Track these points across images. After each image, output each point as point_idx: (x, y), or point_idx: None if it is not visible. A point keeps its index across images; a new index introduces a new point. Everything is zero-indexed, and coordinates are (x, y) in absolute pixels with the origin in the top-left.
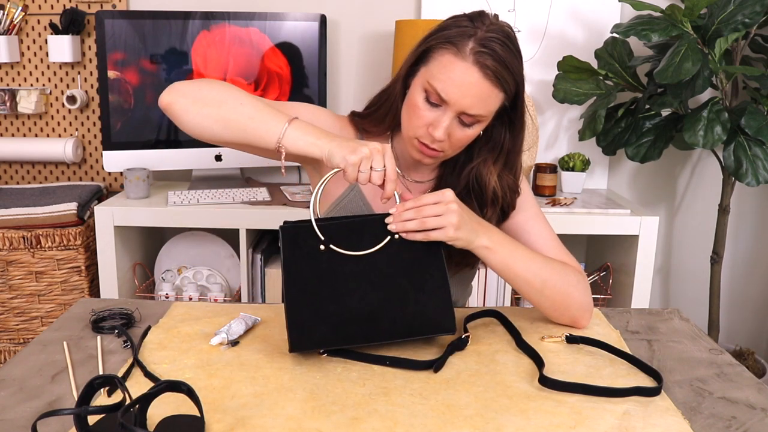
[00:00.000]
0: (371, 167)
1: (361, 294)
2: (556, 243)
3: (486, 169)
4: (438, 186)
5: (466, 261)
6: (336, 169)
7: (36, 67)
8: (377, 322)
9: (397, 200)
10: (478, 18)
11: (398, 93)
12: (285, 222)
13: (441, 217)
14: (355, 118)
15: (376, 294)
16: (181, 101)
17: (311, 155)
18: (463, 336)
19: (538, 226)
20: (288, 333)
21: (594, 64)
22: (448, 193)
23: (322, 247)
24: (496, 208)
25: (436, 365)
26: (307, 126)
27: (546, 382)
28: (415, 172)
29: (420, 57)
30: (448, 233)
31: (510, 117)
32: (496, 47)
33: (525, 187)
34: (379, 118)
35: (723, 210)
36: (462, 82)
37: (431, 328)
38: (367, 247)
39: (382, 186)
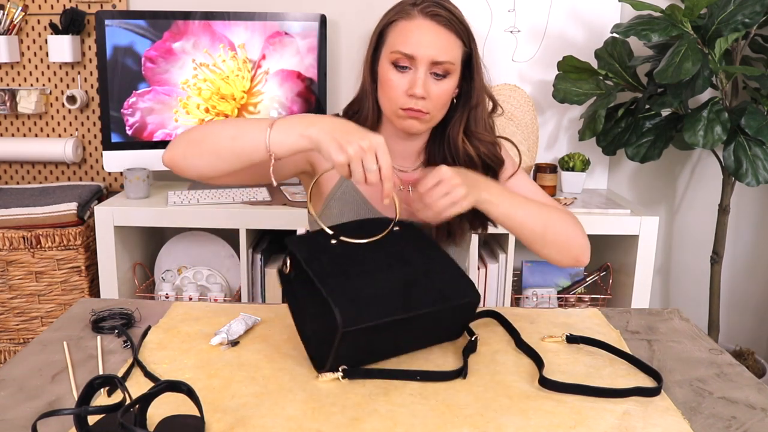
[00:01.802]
0: (364, 166)
1: (386, 271)
2: (545, 198)
3: (456, 133)
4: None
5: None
6: (328, 170)
7: (36, 67)
8: (412, 291)
9: (396, 203)
10: None
11: (370, 86)
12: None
13: (449, 195)
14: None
15: (399, 270)
16: (176, 151)
17: (302, 149)
18: (472, 338)
19: (525, 187)
20: (340, 312)
21: (594, 64)
22: (444, 170)
23: (333, 241)
24: (479, 171)
25: (463, 372)
26: (290, 120)
27: (546, 383)
28: (401, 161)
29: (377, 43)
30: (462, 206)
31: (470, 71)
32: (439, 1)
33: (522, 182)
34: (361, 120)
35: (723, 210)
36: (420, 35)
37: (459, 297)
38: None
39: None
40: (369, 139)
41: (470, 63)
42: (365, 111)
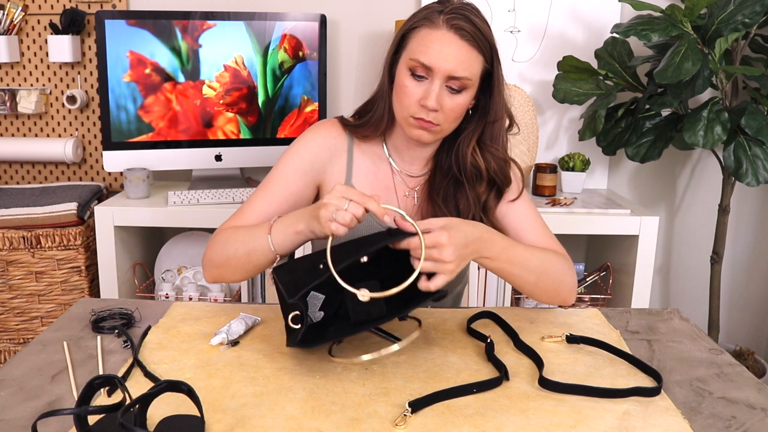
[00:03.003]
0: (347, 210)
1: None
2: (543, 229)
3: (468, 146)
4: (432, 178)
5: None
6: (329, 238)
7: (36, 67)
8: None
9: (397, 211)
10: (446, 1)
11: (387, 88)
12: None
13: (437, 265)
14: (347, 125)
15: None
16: (210, 273)
17: (301, 243)
18: (487, 341)
19: (526, 213)
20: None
21: (594, 64)
22: (445, 240)
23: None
24: (484, 183)
25: (505, 375)
26: (281, 225)
27: (546, 383)
28: (409, 166)
29: (399, 45)
30: (447, 279)
31: (490, 86)
32: (466, 14)
33: (522, 209)
34: (375, 121)
35: (723, 210)
36: (442, 47)
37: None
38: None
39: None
40: (330, 196)
41: (491, 78)
42: (380, 111)
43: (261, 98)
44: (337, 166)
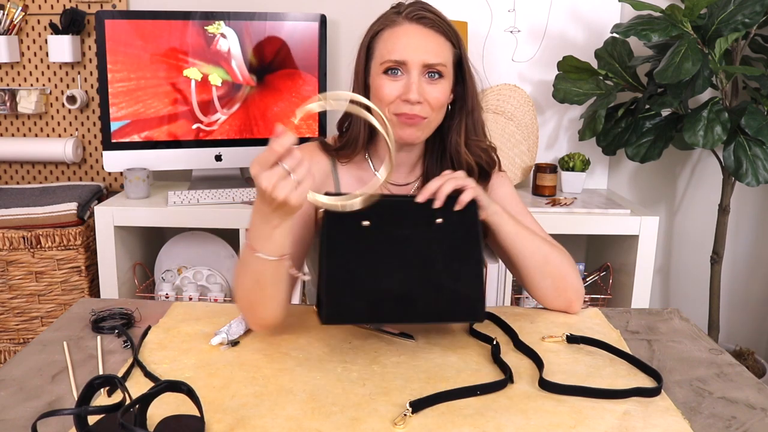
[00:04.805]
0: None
1: (399, 274)
2: (545, 234)
3: (458, 143)
4: (425, 183)
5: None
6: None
7: (36, 67)
8: (411, 304)
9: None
10: (401, 4)
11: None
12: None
13: (457, 180)
14: (327, 148)
15: (413, 275)
16: (252, 320)
17: (288, 232)
18: (493, 343)
19: (525, 220)
20: (325, 306)
21: (594, 64)
22: (458, 173)
23: (365, 222)
24: (474, 176)
25: (509, 377)
26: (256, 235)
27: (545, 385)
28: (395, 174)
29: (366, 57)
30: (476, 191)
31: (462, 75)
32: (423, 6)
33: (510, 187)
34: (352, 139)
35: (723, 210)
36: (410, 39)
37: (462, 315)
38: (408, 228)
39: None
40: (252, 171)
41: (461, 66)
42: (357, 127)
43: (260, 98)
44: (325, 187)
